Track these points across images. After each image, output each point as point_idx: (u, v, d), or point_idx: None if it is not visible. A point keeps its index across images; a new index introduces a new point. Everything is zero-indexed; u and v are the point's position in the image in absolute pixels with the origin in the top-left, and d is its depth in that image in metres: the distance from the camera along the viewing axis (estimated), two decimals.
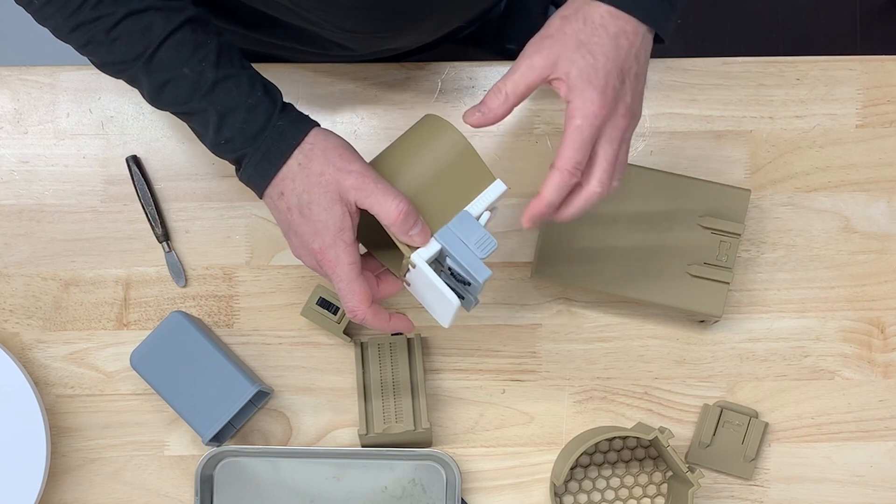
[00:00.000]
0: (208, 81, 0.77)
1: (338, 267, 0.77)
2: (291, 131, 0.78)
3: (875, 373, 1.02)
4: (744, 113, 1.03)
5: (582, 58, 0.74)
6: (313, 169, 0.77)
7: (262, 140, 0.78)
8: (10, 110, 1.02)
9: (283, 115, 0.79)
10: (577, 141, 0.74)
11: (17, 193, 1.02)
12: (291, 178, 0.77)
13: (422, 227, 0.77)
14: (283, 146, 0.77)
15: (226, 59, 0.79)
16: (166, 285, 1.01)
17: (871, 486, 1.01)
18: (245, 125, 0.78)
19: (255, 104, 0.78)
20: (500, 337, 1.01)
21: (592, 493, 1.00)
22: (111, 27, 0.76)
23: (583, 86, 0.73)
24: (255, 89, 0.79)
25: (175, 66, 0.77)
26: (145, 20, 0.76)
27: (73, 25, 0.77)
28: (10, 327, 1.01)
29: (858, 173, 1.03)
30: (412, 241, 0.77)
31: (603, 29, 0.74)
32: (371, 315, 0.79)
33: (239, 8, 0.94)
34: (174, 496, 1.00)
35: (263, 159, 0.78)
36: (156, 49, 0.77)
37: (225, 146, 0.79)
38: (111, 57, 0.78)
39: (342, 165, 0.77)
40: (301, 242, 0.79)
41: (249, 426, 1.01)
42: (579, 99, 0.74)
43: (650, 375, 1.01)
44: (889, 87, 1.03)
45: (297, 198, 0.77)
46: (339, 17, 0.88)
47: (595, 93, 0.73)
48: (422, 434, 0.97)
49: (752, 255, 1.02)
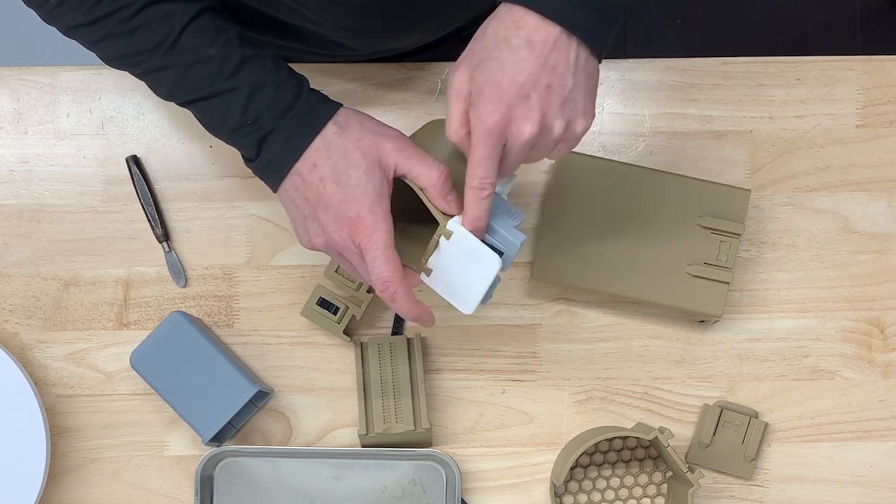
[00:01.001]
0: (235, 61, 0.77)
1: (375, 234, 0.74)
2: (322, 106, 0.77)
3: (875, 373, 1.02)
4: (744, 113, 1.03)
5: (481, 74, 0.71)
6: (351, 135, 0.76)
7: (293, 115, 0.76)
8: (10, 110, 1.02)
9: (312, 92, 0.78)
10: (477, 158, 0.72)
11: (17, 193, 1.02)
12: (326, 147, 0.76)
13: (457, 196, 0.76)
14: (315, 118, 0.76)
15: (247, 43, 0.79)
16: (166, 285, 1.01)
17: (871, 486, 1.01)
18: (274, 101, 0.76)
19: (283, 80, 0.77)
20: (500, 337, 1.01)
21: (592, 493, 1.00)
22: (131, 17, 0.76)
23: (477, 101, 0.71)
24: (280, 67, 0.78)
25: (200, 49, 0.76)
26: (164, 8, 0.76)
27: (92, 20, 0.76)
28: (10, 327, 1.01)
29: (858, 173, 1.03)
30: (450, 207, 0.76)
31: (505, 42, 0.71)
32: (403, 290, 0.76)
33: (241, 8, 0.94)
34: (174, 496, 1.00)
35: (294, 133, 0.76)
36: (178, 35, 0.76)
37: (251, 126, 0.77)
38: (130, 48, 0.77)
39: (380, 130, 0.76)
40: (333, 216, 0.75)
41: (249, 426, 1.01)
42: (473, 115, 0.72)
43: (650, 375, 1.01)
44: (889, 87, 1.03)
45: (332, 166, 0.75)
46: (342, 17, 0.88)
47: (486, 109, 0.71)
48: (422, 434, 0.97)
49: (752, 255, 1.02)
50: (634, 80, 1.03)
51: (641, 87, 1.03)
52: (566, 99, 0.72)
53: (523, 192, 1.01)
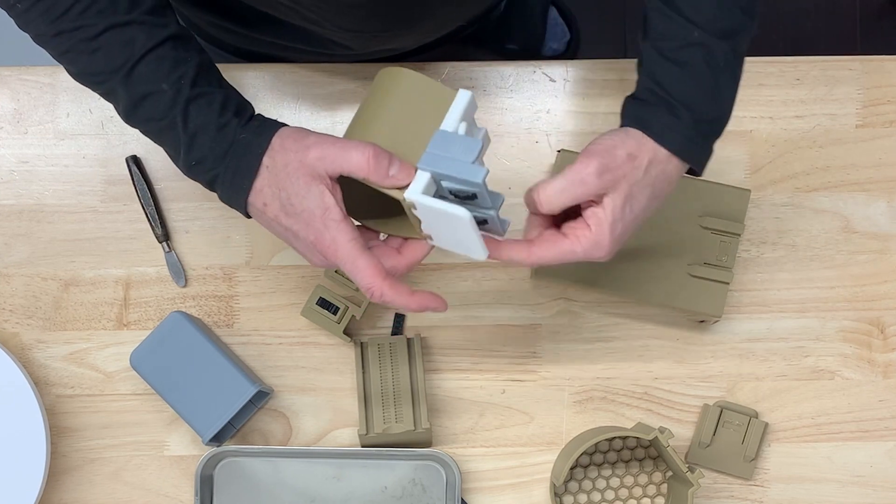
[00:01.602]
0: (184, 98, 0.77)
1: (338, 249, 0.74)
2: (256, 141, 0.77)
3: (875, 373, 1.02)
4: (744, 113, 1.03)
5: (621, 207, 0.77)
6: (278, 165, 0.75)
7: (229, 157, 0.77)
8: (10, 110, 1.02)
9: (247, 128, 0.77)
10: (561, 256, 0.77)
11: (17, 193, 1.02)
12: (267, 185, 0.76)
13: (400, 164, 0.73)
14: (250, 158, 0.76)
15: (204, 77, 0.78)
16: (166, 285, 1.01)
17: (871, 486, 1.01)
18: (214, 144, 0.77)
19: (224, 123, 0.77)
20: (500, 337, 1.01)
21: (592, 493, 1.00)
22: (93, 37, 0.76)
23: (605, 229, 0.77)
24: (227, 108, 0.78)
25: (154, 81, 0.77)
26: (128, 33, 0.76)
27: (55, 31, 0.77)
28: (10, 327, 1.01)
29: (858, 173, 1.03)
30: (396, 181, 0.73)
31: (651, 188, 0.78)
32: (389, 289, 0.75)
33: (239, 7, 0.94)
34: (174, 496, 1.00)
35: (236, 175, 0.77)
36: (136, 63, 0.76)
37: (197, 167, 0.78)
38: (91, 67, 0.78)
39: (298, 147, 0.75)
40: (303, 245, 0.77)
41: (249, 426, 1.01)
42: (594, 237, 0.77)
43: (650, 375, 1.01)
44: (889, 87, 1.03)
45: (278, 200, 0.76)
46: (339, 16, 0.88)
47: (607, 243, 0.77)
48: (422, 434, 0.97)
49: (752, 255, 1.02)
50: (634, 80, 1.03)
51: None
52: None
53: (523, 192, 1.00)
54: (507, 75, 1.03)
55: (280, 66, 1.03)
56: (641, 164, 0.77)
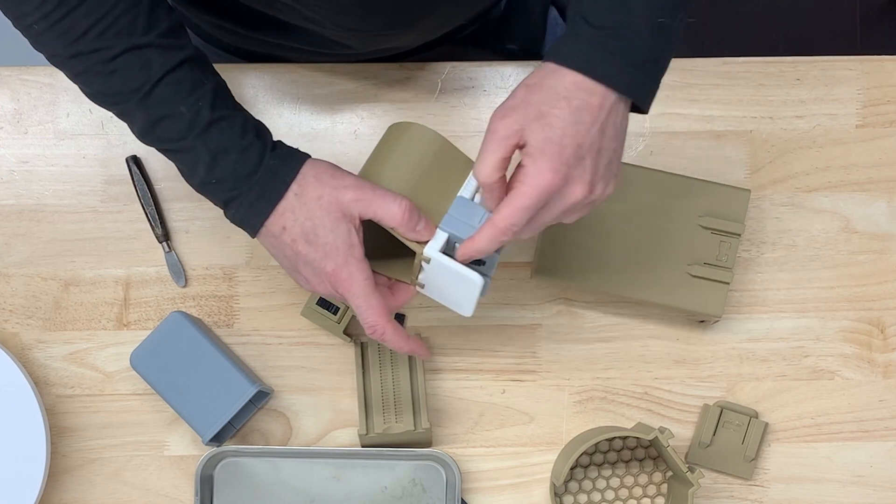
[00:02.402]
0: (204, 120, 0.78)
1: (353, 285, 0.78)
2: (284, 168, 0.79)
3: (875, 373, 1.02)
4: (744, 113, 1.03)
5: (541, 129, 0.72)
6: (310, 195, 0.78)
7: (255, 180, 0.79)
8: (10, 110, 1.02)
9: (274, 155, 0.80)
10: (518, 206, 0.73)
11: (17, 193, 1.02)
12: (291, 210, 0.78)
13: (426, 223, 0.78)
14: (278, 183, 0.79)
15: (221, 101, 0.80)
16: (166, 285, 1.01)
17: (871, 486, 1.01)
18: (237, 165, 0.78)
19: (247, 145, 0.79)
20: (500, 337, 1.01)
21: (592, 493, 1.00)
22: (110, 59, 0.77)
23: (537, 156, 0.72)
24: (247, 131, 0.79)
25: (172, 103, 0.78)
26: (145, 56, 0.77)
27: (72, 53, 0.77)
28: (10, 327, 1.01)
29: (858, 173, 1.03)
30: (420, 237, 0.78)
31: (566, 101, 0.72)
32: (391, 330, 0.81)
33: (239, 7, 0.94)
34: (174, 496, 1.00)
35: (259, 198, 0.79)
36: (154, 85, 0.77)
37: (216, 185, 0.80)
38: (108, 89, 0.79)
39: (336, 184, 0.78)
40: (313, 271, 0.80)
41: (249, 426, 1.01)
42: (532, 168, 0.72)
43: (650, 375, 1.01)
44: (889, 87, 1.03)
45: (300, 227, 0.78)
46: (339, 15, 0.88)
47: (547, 166, 0.72)
48: (422, 434, 0.97)
49: (752, 255, 1.02)
50: None
51: None
52: (609, 162, 0.74)
53: None
54: (507, 75, 1.03)
55: (280, 66, 1.03)
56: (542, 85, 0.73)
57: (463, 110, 1.03)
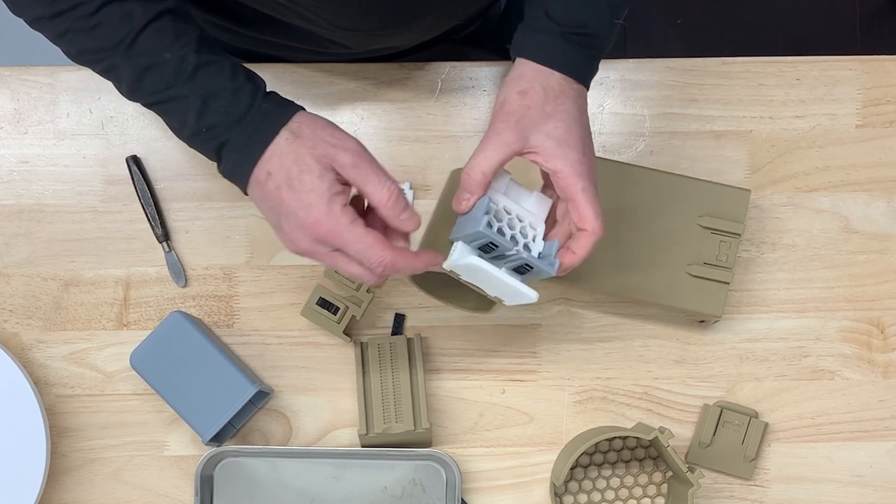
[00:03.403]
0: (190, 66, 0.76)
1: (343, 233, 0.74)
2: (276, 112, 0.77)
3: (875, 373, 1.02)
4: (744, 113, 1.03)
5: (554, 128, 0.78)
6: (303, 142, 0.75)
7: (246, 123, 0.76)
8: (10, 110, 1.02)
9: (267, 99, 0.78)
10: (592, 202, 0.78)
11: (17, 193, 1.02)
12: (279, 154, 0.75)
13: (411, 214, 0.76)
14: (269, 126, 0.76)
15: (206, 47, 0.78)
16: (166, 285, 1.01)
17: (871, 486, 1.01)
18: (229, 109, 0.76)
19: (238, 87, 0.77)
20: (500, 337, 1.01)
21: (592, 493, 1.00)
22: (91, 13, 0.76)
23: (565, 151, 0.78)
24: (237, 74, 0.78)
25: (157, 51, 0.76)
26: (125, 7, 0.76)
27: (53, 12, 0.77)
28: (10, 327, 1.01)
29: (858, 173, 1.03)
30: (404, 226, 0.76)
31: (564, 96, 0.79)
32: (400, 257, 0.75)
33: (236, 6, 0.94)
34: (174, 496, 1.00)
35: (248, 141, 0.76)
36: (137, 34, 0.76)
37: (206, 133, 0.77)
38: (91, 44, 0.77)
39: (336, 142, 0.75)
40: (297, 224, 0.75)
41: (249, 426, 1.01)
42: (566, 163, 0.78)
43: (650, 375, 1.01)
44: (889, 87, 1.03)
45: (285, 172, 0.75)
46: (336, 14, 0.88)
47: (578, 154, 0.78)
48: (422, 434, 0.97)
49: (752, 255, 1.02)
50: (634, 80, 1.03)
51: (641, 87, 1.03)
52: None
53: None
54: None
55: (280, 66, 1.03)
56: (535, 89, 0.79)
57: (463, 110, 1.03)
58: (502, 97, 0.80)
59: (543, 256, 0.79)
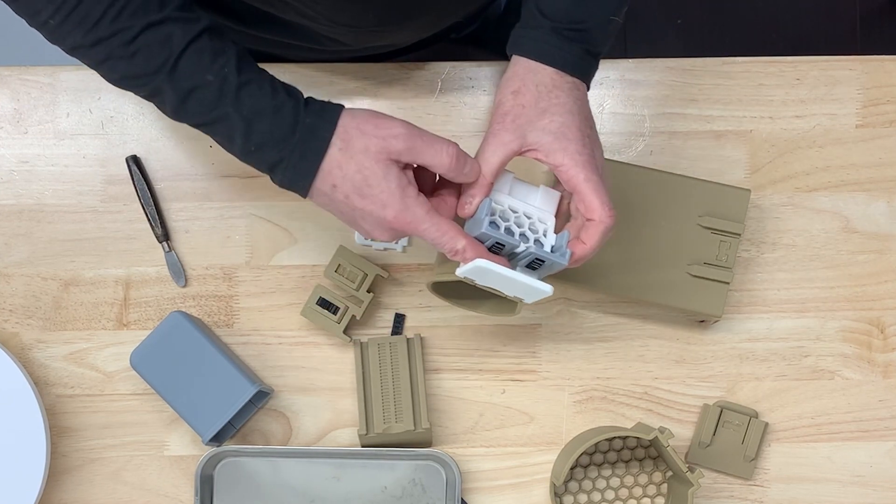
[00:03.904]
0: (233, 86, 0.77)
1: (420, 223, 0.77)
2: (321, 124, 0.78)
3: (875, 373, 1.02)
4: (744, 113, 1.03)
5: (550, 122, 0.79)
6: (356, 147, 0.77)
7: (294, 142, 0.77)
8: (10, 110, 1.02)
9: (308, 111, 0.79)
10: (596, 191, 0.78)
11: (17, 193, 1.02)
12: (338, 166, 0.77)
13: (472, 163, 0.79)
14: (318, 141, 0.77)
15: (246, 64, 0.79)
16: (166, 285, 1.01)
17: (871, 486, 1.01)
18: (273, 128, 0.77)
19: (280, 105, 0.78)
20: (500, 337, 1.01)
21: (592, 493, 1.00)
22: (130, 40, 0.76)
23: (564, 144, 0.78)
24: (277, 91, 0.79)
25: (198, 73, 0.77)
26: (164, 31, 0.76)
27: (93, 41, 0.77)
28: (10, 327, 1.01)
29: (858, 173, 1.03)
30: (469, 178, 0.79)
31: (557, 90, 0.79)
32: (471, 244, 0.78)
33: (234, 4, 0.94)
34: (174, 496, 1.00)
35: (301, 159, 0.78)
36: (178, 58, 0.77)
37: (256, 153, 0.79)
38: (132, 70, 0.78)
39: (382, 133, 0.77)
40: (375, 222, 0.78)
41: (249, 426, 1.01)
42: (566, 156, 0.78)
43: (650, 375, 1.01)
44: (889, 87, 1.03)
45: (350, 181, 0.77)
46: (334, 10, 0.88)
47: (577, 145, 0.78)
48: (422, 434, 0.97)
49: (752, 255, 1.02)
50: (634, 80, 1.03)
51: (641, 87, 1.03)
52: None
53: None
54: None
55: (280, 66, 1.02)
56: (528, 87, 0.80)
57: (463, 110, 1.03)
58: (497, 98, 0.81)
59: (556, 249, 0.80)
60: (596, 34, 0.82)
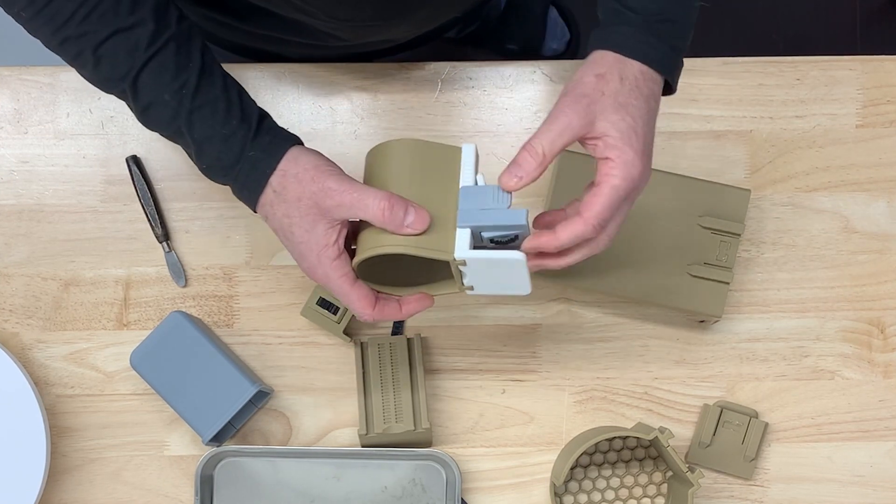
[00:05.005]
0: (185, 109, 0.78)
1: (330, 283, 0.79)
2: (264, 160, 0.78)
3: (875, 373, 1.02)
4: (744, 113, 1.03)
5: (622, 119, 0.74)
6: (290, 195, 0.77)
7: (237, 171, 0.79)
8: (10, 110, 1.02)
9: (255, 144, 0.78)
10: (611, 200, 0.74)
11: (17, 193, 1.02)
12: (270, 205, 0.79)
13: (416, 212, 0.75)
14: (258, 176, 0.78)
15: (206, 83, 0.78)
16: (166, 285, 1.01)
17: (871, 486, 1.01)
18: (221, 155, 0.78)
19: (229, 134, 0.78)
20: (500, 337, 1.01)
21: (592, 493, 1.00)
22: (97, 45, 0.76)
23: (624, 147, 0.74)
24: (230, 117, 0.78)
25: (156, 90, 0.78)
26: (132, 39, 0.76)
27: (61, 39, 0.77)
28: (10, 327, 1.01)
29: (858, 173, 1.03)
30: (413, 229, 0.75)
31: (638, 90, 0.75)
32: (379, 314, 0.80)
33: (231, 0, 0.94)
34: (174, 496, 1.00)
35: (243, 188, 0.79)
36: (139, 72, 0.77)
37: (208, 172, 0.81)
38: (97, 76, 0.79)
39: (316, 187, 0.76)
40: (297, 260, 0.81)
41: (249, 426, 1.01)
42: (620, 160, 0.74)
43: (650, 375, 1.01)
44: (889, 87, 1.03)
45: (278, 222, 0.79)
46: (331, 6, 0.88)
47: (636, 157, 0.74)
48: (422, 434, 0.97)
49: (752, 255, 1.02)
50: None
51: None
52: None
53: (524, 191, 1.00)
54: (506, 75, 1.03)
55: (280, 65, 1.03)
56: (613, 76, 0.75)
57: (463, 110, 1.03)
58: (577, 76, 0.76)
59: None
60: (683, 25, 0.79)
